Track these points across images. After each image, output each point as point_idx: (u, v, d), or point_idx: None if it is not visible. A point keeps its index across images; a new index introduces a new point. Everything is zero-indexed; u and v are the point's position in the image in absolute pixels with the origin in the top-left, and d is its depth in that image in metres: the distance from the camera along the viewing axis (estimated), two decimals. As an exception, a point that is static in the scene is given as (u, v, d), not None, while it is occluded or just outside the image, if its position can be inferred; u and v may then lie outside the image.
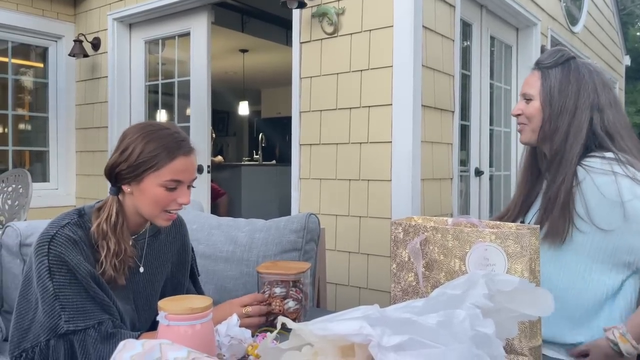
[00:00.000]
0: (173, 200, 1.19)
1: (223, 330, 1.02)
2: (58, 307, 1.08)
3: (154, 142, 1.17)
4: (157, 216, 1.20)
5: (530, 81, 1.44)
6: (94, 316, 1.11)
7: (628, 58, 7.71)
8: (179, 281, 1.42)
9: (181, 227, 1.44)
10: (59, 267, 1.09)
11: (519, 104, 1.47)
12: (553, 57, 1.42)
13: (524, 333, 0.92)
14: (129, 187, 1.19)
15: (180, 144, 1.19)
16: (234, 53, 6.35)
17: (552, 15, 4.39)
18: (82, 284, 1.11)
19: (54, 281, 1.09)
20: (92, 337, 1.09)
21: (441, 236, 0.99)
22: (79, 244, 1.14)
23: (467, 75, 3.35)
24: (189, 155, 1.21)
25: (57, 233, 1.12)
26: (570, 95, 1.37)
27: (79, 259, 1.12)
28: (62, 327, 1.08)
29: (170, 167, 1.17)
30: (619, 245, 1.25)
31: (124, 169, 1.18)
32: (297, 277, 1.25)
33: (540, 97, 1.41)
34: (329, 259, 2.55)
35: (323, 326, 0.77)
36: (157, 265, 1.33)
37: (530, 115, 1.43)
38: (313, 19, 2.76)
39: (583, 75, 1.38)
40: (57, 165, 4.07)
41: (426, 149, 2.62)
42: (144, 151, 1.16)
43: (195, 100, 3.54)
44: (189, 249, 1.45)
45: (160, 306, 0.89)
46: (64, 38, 4.03)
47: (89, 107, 4.00)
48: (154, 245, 1.32)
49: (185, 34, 3.57)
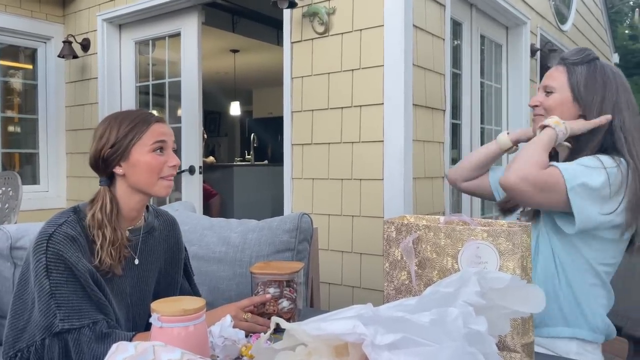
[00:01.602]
0: (164, 164, 1.24)
1: (217, 331, 1.02)
2: (54, 306, 1.09)
3: (126, 119, 1.24)
4: (155, 185, 1.24)
5: (554, 75, 1.46)
6: (89, 315, 1.11)
7: (617, 56, 7.78)
8: (173, 279, 1.43)
9: (174, 225, 1.45)
10: (57, 265, 1.10)
11: (538, 95, 1.49)
12: (580, 55, 1.45)
13: (517, 330, 0.93)
14: (120, 169, 1.23)
15: (149, 115, 1.27)
16: (225, 53, 6.34)
17: (542, 14, 4.42)
18: (80, 282, 1.12)
19: (51, 279, 1.09)
20: (86, 336, 1.10)
21: (433, 234, 1.00)
22: (77, 240, 1.15)
23: (457, 74, 3.36)
24: (161, 122, 1.27)
25: (55, 231, 1.13)
26: (596, 92, 1.40)
27: (77, 256, 1.13)
28: (57, 326, 1.08)
29: (150, 132, 1.23)
30: None
31: (109, 151, 1.22)
32: (290, 277, 1.25)
33: (563, 91, 1.43)
34: (322, 259, 2.55)
35: (316, 326, 0.77)
36: (151, 261, 1.35)
37: (549, 107, 1.45)
38: (304, 19, 2.76)
39: (608, 75, 1.42)
40: (47, 168, 4.04)
41: (418, 147, 2.63)
42: (120, 128, 1.22)
43: (186, 100, 3.53)
44: (182, 248, 1.47)
45: (153, 308, 0.89)
46: (53, 39, 4.00)
47: (79, 108, 3.97)
48: (149, 241, 1.34)
49: (176, 34, 3.56)
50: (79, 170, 3.92)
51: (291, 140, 2.84)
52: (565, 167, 1.30)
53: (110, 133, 1.22)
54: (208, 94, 8.32)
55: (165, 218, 1.44)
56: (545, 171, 1.29)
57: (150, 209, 1.39)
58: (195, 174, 3.48)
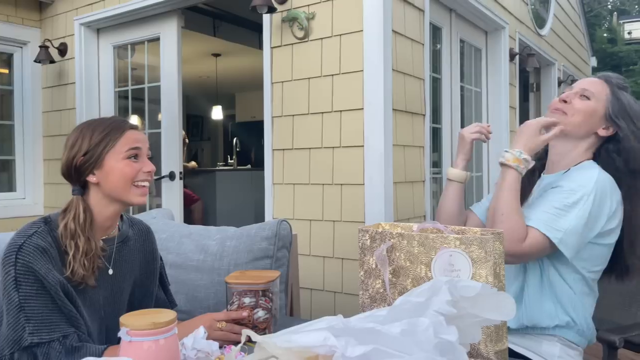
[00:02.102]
0: (139, 170, 1.22)
1: (189, 343, 1.00)
2: (23, 319, 1.06)
3: (98, 127, 1.23)
4: (129, 192, 1.22)
5: (595, 84, 1.44)
6: (59, 329, 1.09)
7: (594, 59, 7.91)
8: (148, 289, 1.41)
9: (149, 234, 1.43)
10: (26, 277, 1.08)
11: (571, 94, 1.44)
12: (623, 82, 1.47)
13: (490, 337, 0.93)
14: (93, 177, 1.21)
15: (123, 122, 1.26)
16: (207, 57, 6.30)
17: (520, 19, 4.48)
18: (50, 294, 1.09)
19: (20, 292, 1.07)
20: (56, 350, 1.07)
21: (407, 242, 1.00)
22: (48, 251, 1.12)
23: (437, 79, 3.38)
24: (135, 129, 1.26)
25: (25, 242, 1.10)
26: (629, 121, 1.41)
27: (47, 268, 1.10)
28: (26, 340, 1.06)
29: (124, 139, 1.22)
30: None
31: (81, 159, 1.20)
32: (266, 287, 1.24)
33: (600, 103, 1.41)
34: (304, 264, 2.54)
35: (287, 338, 0.76)
36: (126, 272, 1.32)
37: (579, 110, 1.41)
38: (283, 24, 2.76)
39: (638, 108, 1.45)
40: (23, 174, 3.96)
41: (398, 152, 2.63)
42: (93, 135, 1.21)
43: (166, 105, 3.50)
44: (157, 257, 1.44)
45: (122, 322, 0.87)
46: (29, 44, 3.94)
47: (57, 114, 3.91)
48: (123, 251, 1.32)
49: (155, 39, 3.53)
50: (57, 177, 3.85)
51: (272, 146, 2.83)
52: (543, 221, 1.29)
53: (83, 141, 1.21)
54: (190, 98, 8.29)
55: (140, 227, 1.42)
56: (527, 242, 1.28)
57: (124, 218, 1.37)
58: (175, 180, 3.44)
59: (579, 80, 1.52)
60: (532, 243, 1.28)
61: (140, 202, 1.24)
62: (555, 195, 1.33)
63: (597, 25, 22.17)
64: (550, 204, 1.32)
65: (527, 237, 1.28)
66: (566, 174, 1.41)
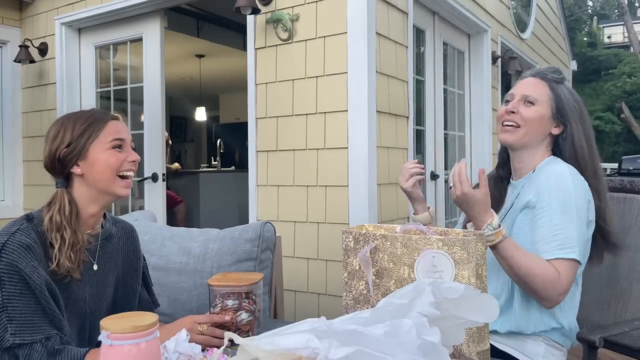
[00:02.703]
0: (124, 160, 1.22)
1: (171, 346, 0.99)
2: (5, 319, 1.05)
3: (80, 118, 1.22)
4: (114, 184, 1.22)
5: (535, 86, 1.44)
6: (41, 330, 1.07)
7: (575, 63, 8.03)
8: (131, 287, 1.40)
9: (132, 233, 1.43)
10: (10, 276, 1.06)
11: (515, 103, 1.44)
12: (558, 74, 1.47)
13: (472, 338, 0.94)
14: (78, 168, 1.20)
15: (104, 113, 1.25)
16: (190, 58, 6.26)
17: (502, 22, 4.53)
18: (34, 294, 1.08)
19: (4, 291, 1.05)
20: (38, 352, 1.05)
21: (390, 244, 1.00)
22: (32, 248, 1.11)
23: (421, 81, 3.41)
24: (117, 119, 1.26)
25: (8, 240, 1.08)
26: (573, 115, 1.42)
27: (32, 266, 1.09)
28: (7, 340, 1.04)
29: (107, 129, 1.22)
30: None
31: (65, 150, 1.19)
32: (249, 289, 1.23)
33: (544, 105, 1.42)
34: (288, 266, 2.53)
35: (270, 340, 0.76)
36: (110, 268, 1.32)
37: (528, 119, 1.42)
38: (267, 25, 2.75)
39: (578, 100, 1.46)
40: (2, 176, 3.89)
41: (382, 154, 2.64)
42: (75, 127, 1.20)
43: (148, 107, 3.46)
44: (141, 256, 1.44)
45: (102, 325, 0.86)
46: (9, 43, 3.87)
47: (37, 114, 3.85)
48: (107, 248, 1.31)
49: (138, 39, 3.49)
50: (37, 179, 3.79)
51: (256, 147, 2.82)
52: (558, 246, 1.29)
53: (65, 133, 1.20)
54: (173, 100, 8.22)
55: (123, 225, 1.41)
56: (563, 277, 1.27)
57: (107, 216, 1.36)
58: (158, 182, 3.41)
59: (518, 83, 1.50)
60: (566, 273, 1.27)
61: (124, 194, 1.24)
62: (547, 215, 1.32)
63: (577, 29, 22.55)
64: (550, 225, 1.31)
65: (559, 273, 1.26)
66: (535, 176, 1.41)
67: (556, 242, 1.29)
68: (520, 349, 1.39)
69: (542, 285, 1.25)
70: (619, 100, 17.19)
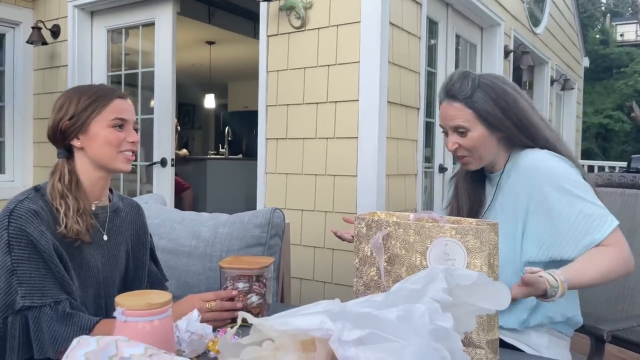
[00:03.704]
0: (124, 140, 1.24)
1: (183, 325, 1.00)
2: (15, 283, 1.07)
3: (86, 92, 1.23)
4: (115, 158, 1.24)
5: (455, 113, 1.38)
6: (51, 294, 1.09)
7: (587, 60, 7.96)
8: (141, 261, 1.42)
9: (139, 209, 1.45)
10: (19, 241, 1.08)
11: (452, 137, 1.41)
12: (466, 83, 1.38)
13: (482, 326, 0.94)
14: (78, 141, 1.23)
15: (111, 90, 1.26)
16: (201, 45, 6.25)
17: (515, 16, 4.49)
18: (43, 258, 1.10)
19: (12, 255, 1.07)
20: (47, 315, 1.07)
21: (403, 231, 1.00)
22: (40, 214, 1.13)
23: (432, 73, 3.39)
24: (124, 98, 1.26)
25: (16, 207, 1.11)
26: (508, 109, 1.36)
27: (40, 230, 1.11)
28: (17, 303, 1.06)
29: (110, 107, 1.22)
30: None
31: (67, 123, 1.21)
32: (260, 272, 1.24)
33: (476, 126, 1.37)
34: (294, 254, 2.54)
35: (284, 321, 0.76)
36: (120, 241, 1.34)
37: (471, 147, 1.39)
38: (280, 12, 2.74)
39: (498, 86, 1.38)
40: (13, 157, 3.92)
41: (391, 145, 2.64)
42: (80, 101, 1.21)
43: (159, 92, 3.47)
44: (147, 231, 1.46)
45: (117, 302, 0.87)
46: (21, 25, 3.88)
47: (48, 96, 3.86)
48: (115, 220, 1.33)
49: (150, 23, 3.49)
50: (47, 160, 3.81)
51: (265, 135, 2.82)
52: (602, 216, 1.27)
53: (70, 105, 1.22)
54: (182, 86, 8.21)
55: (130, 202, 1.44)
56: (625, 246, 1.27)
57: (114, 192, 1.39)
58: (167, 167, 3.42)
59: (441, 112, 1.44)
60: (619, 242, 1.26)
61: (125, 169, 1.26)
62: (566, 209, 1.29)
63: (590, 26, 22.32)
64: (576, 216, 1.27)
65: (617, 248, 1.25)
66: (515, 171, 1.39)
67: (593, 226, 1.26)
68: (524, 341, 1.39)
69: (619, 272, 1.25)
70: (630, 99, 17.04)
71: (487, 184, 1.51)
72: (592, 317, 1.62)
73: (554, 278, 1.14)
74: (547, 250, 1.30)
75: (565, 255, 1.28)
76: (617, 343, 1.58)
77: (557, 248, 1.29)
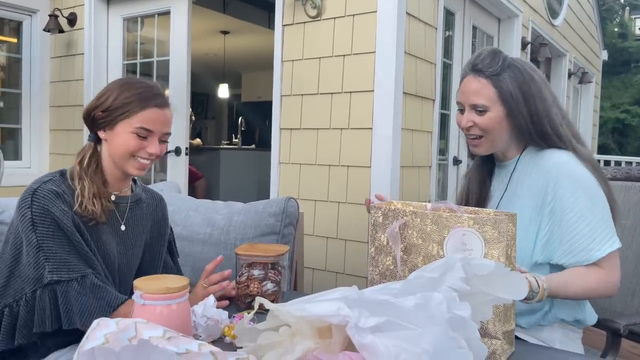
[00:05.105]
0: (142, 149, 1.24)
1: (199, 311, 1.01)
2: (42, 258, 1.10)
3: (128, 91, 1.23)
4: (127, 162, 1.25)
5: (478, 89, 1.32)
6: (77, 269, 1.13)
7: (605, 53, 7.83)
8: (157, 252, 1.44)
9: (161, 202, 1.47)
10: (42, 219, 1.12)
11: (468, 115, 1.34)
12: (496, 60, 1.33)
13: (499, 317, 0.94)
14: (103, 133, 1.25)
15: (154, 96, 1.24)
16: (215, 34, 6.25)
17: (534, 8, 4.43)
18: (66, 235, 1.13)
19: (37, 232, 1.11)
20: (74, 289, 1.11)
21: (420, 221, 1.00)
22: (61, 195, 1.17)
23: (448, 64, 3.36)
24: (162, 108, 1.25)
25: (39, 187, 1.15)
26: (531, 98, 1.32)
27: (63, 209, 1.14)
28: (46, 277, 1.10)
29: (141, 115, 1.22)
30: None
31: (99, 114, 1.23)
32: (275, 260, 1.25)
33: (496, 106, 1.32)
34: (307, 244, 2.55)
35: (301, 307, 0.77)
36: (138, 232, 1.36)
37: (487, 128, 1.33)
38: (296, 2, 2.73)
39: (529, 72, 1.33)
40: (29, 144, 3.97)
41: (406, 136, 2.63)
42: (118, 98, 1.22)
43: (174, 81, 3.48)
44: (167, 224, 1.48)
45: (135, 285, 0.88)
46: (38, 12, 3.91)
47: (64, 84, 3.89)
48: (136, 210, 1.35)
49: (165, 12, 3.49)
50: (62, 147, 3.85)
51: (279, 125, 2.82)
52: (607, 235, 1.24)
53: (107, 98, 1.24)
54: (196, 76, 8.20)
55: (153, 194, 1.46)
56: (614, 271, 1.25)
57: (138, 182, 1.41)
58: (181, 155, 3.44)
59: (462, 87, 1.37)
60: (611, 265, 1.25)
61: (135, 173, 1.28)
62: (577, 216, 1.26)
63: (609, 19, 21.92)
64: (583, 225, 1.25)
65: (605, 271, 1.24)
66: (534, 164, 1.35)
67: (594, 243, 1.24)
68: (536, 336, 1.38)
69: (599, 294, 1.26)
70: (648, 94, 16.74)
71: (496, 175, 1.48)
72: (608, 312, 1.61)
73: (537, 283, 1.14)
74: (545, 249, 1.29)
75: (554, 257, 1.27)
76: (631, 338, 1.57)
77: (550, 248, 1.28)
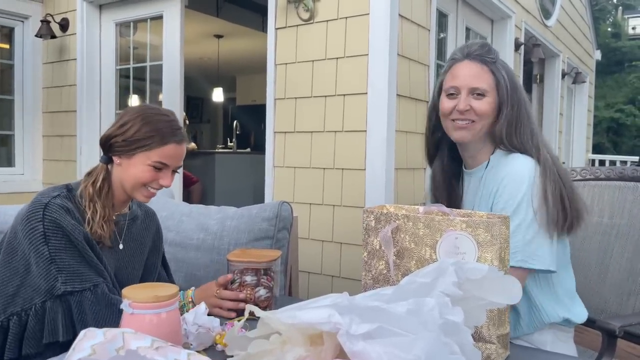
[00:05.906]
0: (155, 180, 1.27)
1: (190, 318, 1.00)
2: (54, 270, 1.12)
3: (151, 124, 1.26)
4: (137, 190, 1.27)
5: (479, 75, 1.31)
6: (89, 279, 1.14)
7: (599, 53, 7.86)
8: (153, 263, 1.47)
9: (154, 216, 1.50)
10: (55, 232, 1.13)
11: (466, 99, 1.31)
12: (492, 52, 1.33)
13: (493, 321, 0.93)
14: (119, 159, 1.27)
15: (174, 132, 1.28)
16: (209, 38, 6.25)
17: (527, 9, 4.44)
18: (77, 248, 1.15)
19: (50, 245, 1.12)
20: (88, 299, 1.13)
21: (412, 224, 0.99)
22: (70, 211, 1.19)
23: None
24: (180, 144, 1.29)
25: (50, 202, 1.16)
26: (517, 92, 1.32)
27: (73, 223, 1.16)
28: (59, 289, 1.11)
29: (160, 150, 1.25)
30: None
31: (119, 142, 1.26)
32: (268, 265, 1.24)
33: (492, 93, 1.31)
34: (303, 248, 2.54)
35: (291, 314, 0.75)
36: (135, 248, 1.38)
37: (484, 113, 1.31)
38: (289, 5, 2.72)
39: (513, 72, 1.35)
40: (22, 150, 3.94)
41: (400, 138, 2.62)
42: (140, 130, 1.25)
43: (167, 85, 3.46)
44: (161, 236, 1.52)
45: (124, 294, 0.87)
46: (30, 18, 3.89)
47: (57, 90, 3.87)
48: (132, 228, 1.38)
49: (158, 17, 3.48)
50: (56, 154, 3.83)
51: (273, 128, 2.81)
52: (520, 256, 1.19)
53: (130, 128, 1.25)
54: (191, 80, 8.23)
55: (146, 209, 1.48)
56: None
57: (132, 200, 1.41)
58: (175, 160, 3.43)
59: (457, 70, 1.34)
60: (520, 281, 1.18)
61: (143, 201, 1.31)
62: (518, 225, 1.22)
63: (602, 19, 22.03)
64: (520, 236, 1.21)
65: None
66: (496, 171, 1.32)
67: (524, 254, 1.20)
68: (527, 339, 1.37)
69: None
70: (642, 93, 16.83)
71: (466, 183, 1.44)
72: (603, 313, 1.60)
73: None
74: None
75: None
76: (628, 338, 1.56)
77: None
